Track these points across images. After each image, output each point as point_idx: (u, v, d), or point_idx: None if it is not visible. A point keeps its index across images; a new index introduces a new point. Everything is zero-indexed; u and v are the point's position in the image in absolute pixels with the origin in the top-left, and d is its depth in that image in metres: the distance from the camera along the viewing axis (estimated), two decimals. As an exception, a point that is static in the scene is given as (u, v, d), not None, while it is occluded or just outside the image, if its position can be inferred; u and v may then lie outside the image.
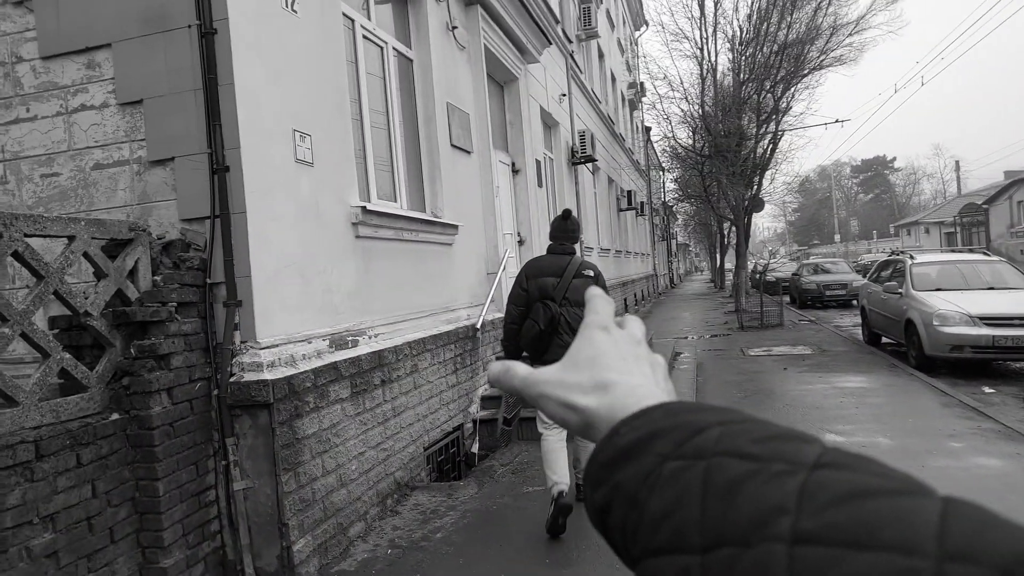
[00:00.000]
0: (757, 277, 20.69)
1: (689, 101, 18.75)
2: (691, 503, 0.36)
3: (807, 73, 16.97)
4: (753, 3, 16.75)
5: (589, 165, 13.58)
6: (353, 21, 5.19)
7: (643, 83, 23.79)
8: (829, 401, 7.29)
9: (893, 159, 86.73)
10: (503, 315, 7.46)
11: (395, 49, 5.92)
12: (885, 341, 11.36)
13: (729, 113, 17.26)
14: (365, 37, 5.39)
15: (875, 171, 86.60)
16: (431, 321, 5.85)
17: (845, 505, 0.32)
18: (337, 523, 4.12)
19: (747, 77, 17.11)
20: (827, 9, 16.07)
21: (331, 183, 4.44)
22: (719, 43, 17.74)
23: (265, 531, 3.66)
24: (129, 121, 3.76)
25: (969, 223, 37.88)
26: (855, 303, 15.92)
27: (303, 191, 4.13)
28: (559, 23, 11.14)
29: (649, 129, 28.67)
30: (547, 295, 4.29)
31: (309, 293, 4.13)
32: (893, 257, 11.78)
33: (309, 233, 4.16)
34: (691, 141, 20.71)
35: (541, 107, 10.41)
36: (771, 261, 40.23)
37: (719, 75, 18.41)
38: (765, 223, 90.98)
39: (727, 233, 28.03)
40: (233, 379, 3.62)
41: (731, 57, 17.76)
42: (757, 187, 18.23)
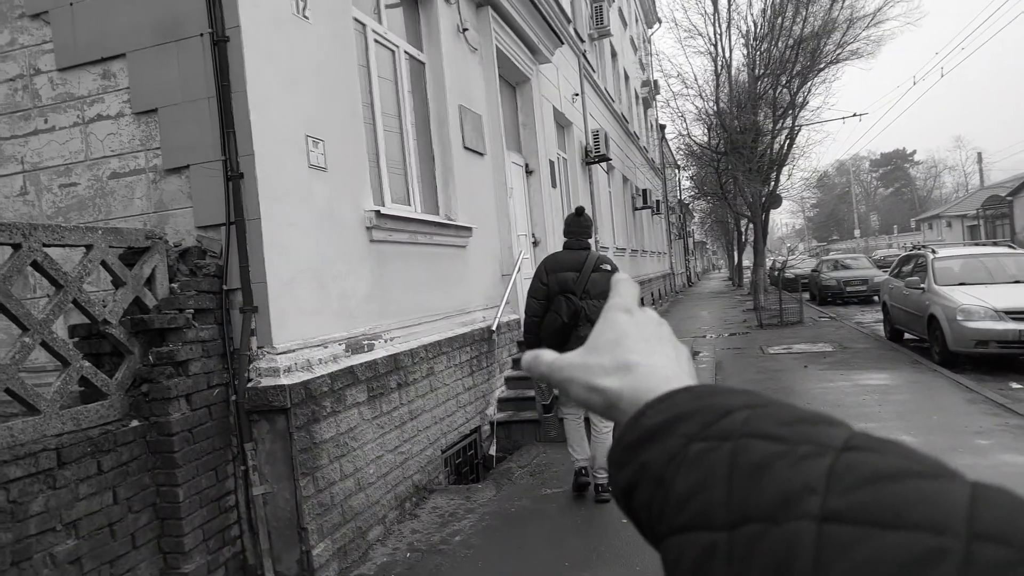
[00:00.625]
0: (776, 274, 20.50)
1: (704, 98, 18.68)
2: (717, 482, 0.37)
3: (823, 67, 16.82)
4: (767, -2, 16.62)
5: (603, 164, 13.53)
6: (364, 26, 5.21)
7: (657, 81, 23.69)
8: (851, 399, 7.19)
9: (913, 152, 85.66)
10: (518, 316, 7.51)
11: (407, 53, 5.94)
12: (908, 337, 11.17)
13: (744, 109, 17.13)
14: (376, 41, 5.41)
15: (895, 165, 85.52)
16: (446, 324, 5.86)
17: (874, 486, 0.32)
18: (356, 527, 4.13)
19: (762, 72, 16.98)
20: (843, 2, 15.91)
21: (345, 188, 4.45)
22: (733, 39, 17.69)
23: (285, 535, 3.68)
24: (144, 130, 3.81)
25: (993, 216, 37.22)
26: (876, 299, 15.74)
27: (317, 196, 4.14)
28: (571, 22, 11.11)
29: (664, 127, 28.56)
30: (568, 289, 4.44)
31: (324, 297, 4.14)
32: (915, 251, 11.59)
33: (324, 238, 4.17)
34: (706, 138, 20.61)
35: (554, 107, 10.39)
36: (790, 258, 39.89)
37: (734, 71, 18.29)
38: (783, 219, 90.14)
39: (744, 230, 27.86)
40: (250, 384, 3.64)
41: (746, 52, 17.64)
42: (774, 183, 18.07)
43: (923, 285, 9.75)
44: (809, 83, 16.97)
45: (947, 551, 0.29)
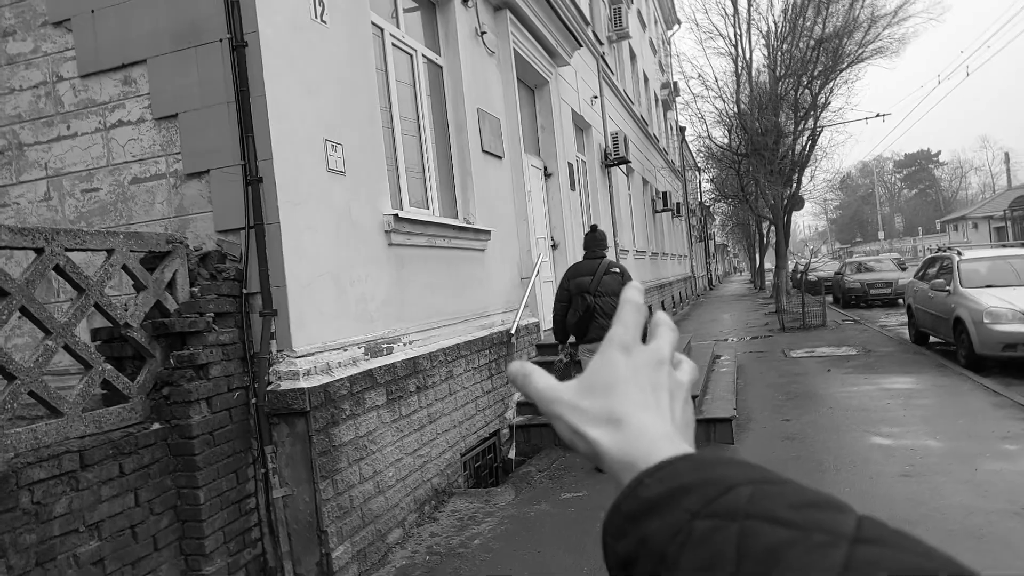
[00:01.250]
0: (798, 277, 20.26)
1: (724, 99, 18.55)
2: (726, 565, 0.35)
3: (845, 67, 16.60)
4: (788, -2, 16.46)
5: (623, 167, 13.47)
6: (382, 30, 5.23)
7: (676, 83, 23.56)
8: (875, 403, 7.07)
9: (938, 153, 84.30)
10: (537, 319, 7.49)
11: (424, 56, 5.95)
12: (933, 340, 10.98)
13: (765, 110, 16.96)
14: (394, 45, 5.43)
15: (919, 165, 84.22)
16: (465, 327, 5.85)
17: None
18: (375, 530, 4.13)
19: (783, 73, 16.81)
20: (864, 0, 15.70)
21: (363, 192, 4.47)
22: (754, 39, 17.48)
23: (304, 538, 3.69)
24: (165, 135, 3.85)
25: (1020, 217, 36.42)
26: (901, 302, 15.48)
27: (336, 200, 4.16)
28: (589, 25, 11.09)
29: (683, 129, 28.40)
30: (584, 289, 5.48)
31: (343, 301, 4.15)
32: (940, 253, 11.39)
33: (342, 241, 4.19)
34: (727, 140, 20.45)
35: (572, 110, 10.37)
36: (812, 260, 39.43)
37: (754, 72, 18.13)
38: (806, 221, 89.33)
39: (766, 232, 27.58)
40: (270, 388, 3.66)
41: (766, 53, 17.48)
42: (796, 185, 17.87)
43: (949, 287, 9.57)
44: (831, 83, 16.76)
45: None
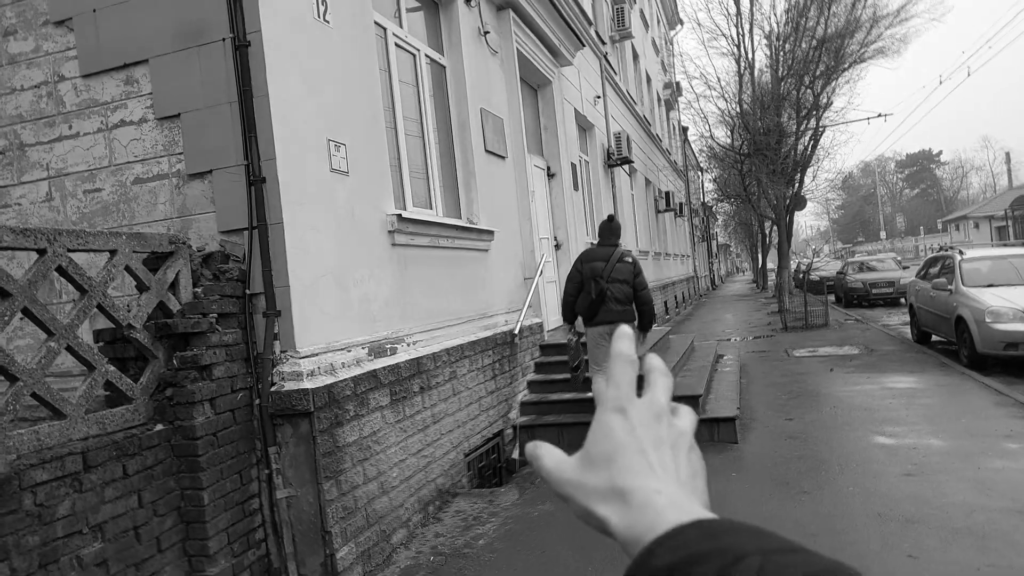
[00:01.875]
0: (801, 277, 20.24)
1: (727, 99, 18.54)
2: None
3: (847, 67, 16.59)
4: (790, -3, 16.44)
5: (626, 167, 13.45)
6: (385, 29, 5.22)
7: (679, 82, 23.55)
8: (878, 402, 7.05)
9: (939, 153, 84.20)
10: (540, 320, 7.47)
11: (427, 56, 5.94)
12: (935, 339, 10.99)
13: (768, 110, 16.94)
14: (397, 45, 5.41)
15: (920, 165, 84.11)
16: (469, 327, 5.83)
17: None
18: (380, 530, 4.11)
19: (786, 73, 16.79)
20: (866, 0, 15.68)
21: (366, 192, 4.45)
22: (756, 39, 17.46)
23: (309, 539, 3.67)
24: (167, 135, 3.83)
25: (1021, 216, 36.36)
26: (903, 301, 15.46)
27: (339, 200, 4.14)
28: (592, 25, 11.07)
29: (686, 129, 28.37)
30: (597, 274, 5.70)
31: (347, 301, 4.14)
32: (942, 253, 11.38)
33: (346, 242, 4.17)
34: (729, 140, 20.43)
35: (575, 110, 10.35)
36: (815, 260, 39.38)
37: (757, 72, 18.11)
38: (808, 221, 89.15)
39: (768, 232, 27.56)
40: (274, 388, 3.64)
41: (769, 53, 17.47)
42: (798, 185, 17.87)
43: (951, 287, 9.58)
44: (833, 83, 16.75)
45: None
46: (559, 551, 4.02)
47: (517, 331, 6.62)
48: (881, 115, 21.26)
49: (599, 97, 11.98)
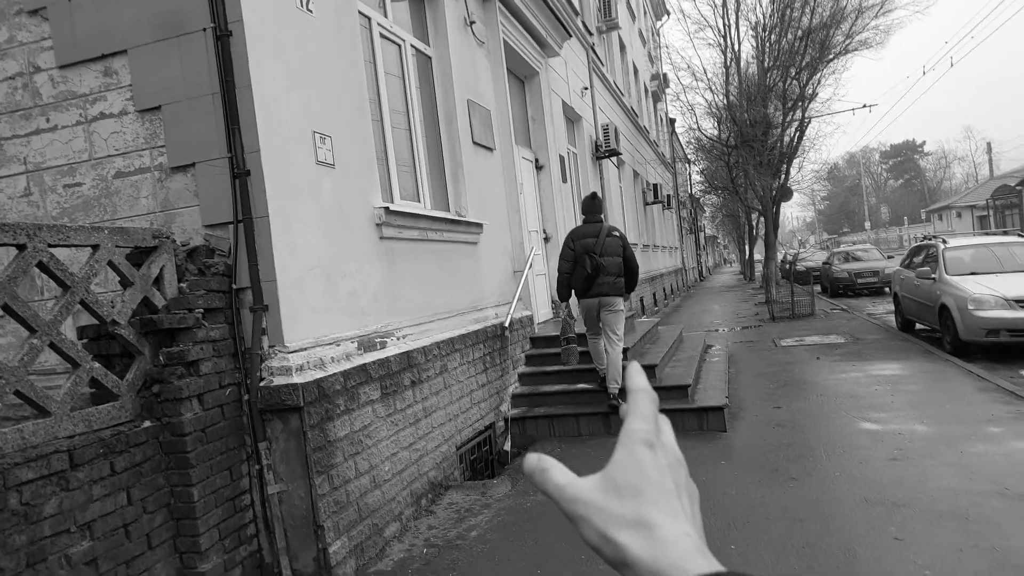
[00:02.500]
0: (787, 267, 20.33)
1: (713, 91, 18.56)
2: None
3: (833, 58, 16.63)
4: (776, -12, 16.46)
5: (614, 159, 13.45)
6: (370, 19, 5.17)
7: (666, 74, 23.53)
8: (863, 389, 7.12)
9: (923, 143, 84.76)
10: (531, 312, 7.47)
11: (413, 47, 5.89)
12: (919, 327, 11.14)
13: (754, 102, 16.98)
14: (382, 35, 5.36)
15: (904, 156, 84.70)
16: (459, 321, 5.81)
17: None
18: (372, 524, 4.10)
19: (772, 64, 16.82)
20: (852, -9, 15.72)
21: (353, 184, 4.41)
22: (742, 30, 17.48)
23: (301, 533, 3.65)
24: (148, 128, 3.77)
25: (1002, 205, 36.80)
26: (887, 290, 15.59)
27: (325, 193, 4.10)
28: (579, 15, 11.04)
29: (674, 121, 28.42)
30: (590, 250, 6.03)
31: (335, 295, 4.11)
32: (926, 242, 11.50)
33: (333, 235, 4.14)
34: (716, 132, 20.47)
35: (563, 101, 10.32)
36: (801, 251, 39.59)
37: (743, 63, 18.14)
38: (794, 213, 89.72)
39: (756, 224, 27.69)
40: (263, 383, 3.61)
41: (755, 44, 17.49)
42: (785, 176, 17.93)
43: (934, 275, 9.71)
44: (819, 74, 16.79)
45: None
46: (551, 541, 4.02)
47: (507, 324, 6.61)
48: (866, 106, 21.43)
49: (586, 88, 11.96)
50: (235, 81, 3.56)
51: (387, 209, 4.69)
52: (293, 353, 3.68)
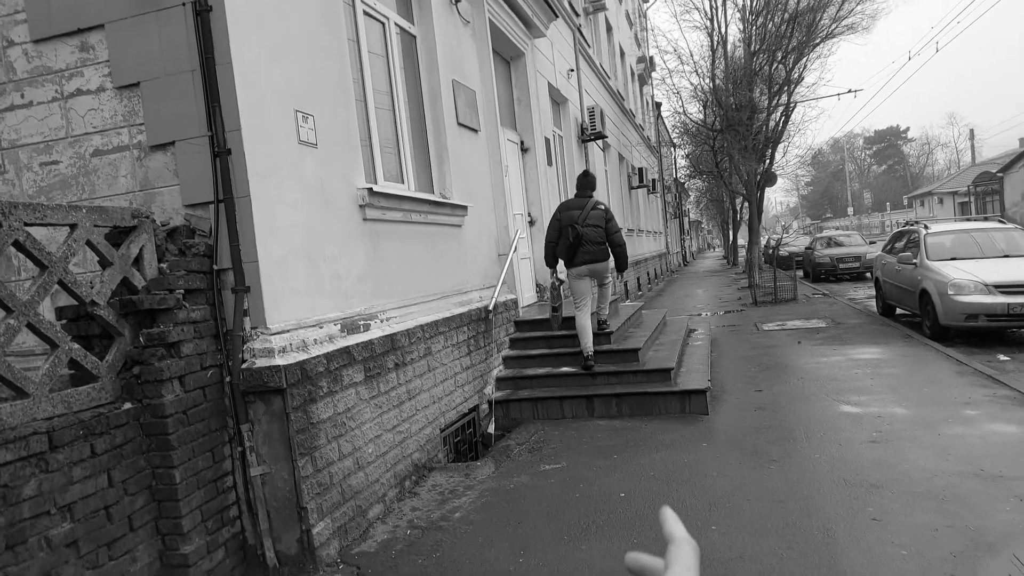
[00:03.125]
0: (770, 252, 20.48)
1: (699, 75, 18.57)
2: None
3: (819, 42, 16.68)
4: (762, -29, 16.41)
5: (599, 142, 13.41)
6: (353, -2, 5.09)
7: (652, 57, 23.46)
8: (844, 372, 7.21)
9: (906, 129, 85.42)
10: (515, 296, 7.47)
11: (397, 25, 5.81)
12: (900, 312, 11.28)
13: (740, 85, 17.00)
14: (366, 13, 5.28)
15: (888, 142, 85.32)
16: (443, 304, 5.80)
17: None
18: (356, 505, 4.10)
19: (758, 48, 16.83)
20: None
21: (336, 165, 4.36)
22: (729, 13, 17.44)
23: (284, 515, 3.65)
24: (127, 105, 3.70)
25: (983, 192, 37.24)
26: (869, 275, 15.75)
27: (308, 173, 4.06)
28: (564, -3, 10.94)
29: (659, 105, 28.36)
30: (574, 221, 6.49)
31: (318, 277, 4.07)
32: (907, 227, 11.61)
33: (316, 216, 4.09)
34: (702, 116, 20.48)
35: (549, 83, 10.26)
36: (784, 236, 39.85)
37: (730, 47, 18.13)
38: (778, 198, 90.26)
39: (740, 209, 27.81)
40: (245, 365, 3.58)
41: (742, 27, 17.48)
42: (769, 161, 18.01)
43: (915, 260, 9.83)
44: (805, 58, 16.84)
45: None
46: (535, 522, 4.05)
47: (492, 307, 6.60)
48: (851, 91, 21.51)
49: (573, 70, 11.89)
50: (215, 57, 3.49)
51: (370, 190, 4.65)
52: (275, 335, 3.65)
